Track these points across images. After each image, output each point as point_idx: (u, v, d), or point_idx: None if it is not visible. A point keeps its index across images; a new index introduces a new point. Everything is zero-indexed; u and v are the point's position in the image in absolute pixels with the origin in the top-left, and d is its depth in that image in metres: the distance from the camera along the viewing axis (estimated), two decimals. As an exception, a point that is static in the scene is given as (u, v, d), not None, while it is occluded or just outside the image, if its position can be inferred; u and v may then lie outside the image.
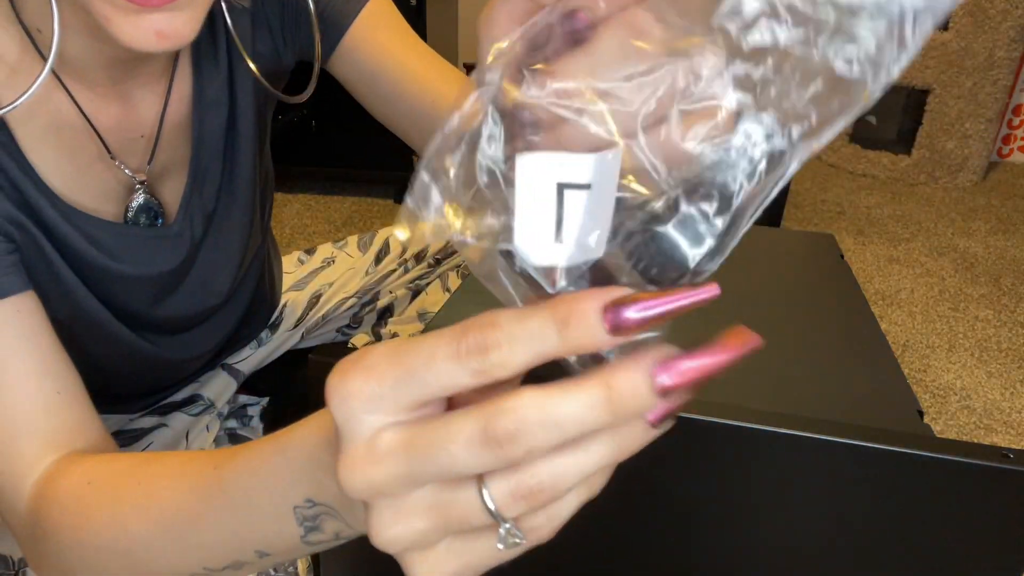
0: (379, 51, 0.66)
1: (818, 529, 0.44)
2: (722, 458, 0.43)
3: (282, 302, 0.87)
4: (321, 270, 0.91)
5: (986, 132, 2.36)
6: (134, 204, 0.56)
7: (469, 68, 2.06)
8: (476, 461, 0.23)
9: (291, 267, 0.92)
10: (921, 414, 0.52)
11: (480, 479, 0.24)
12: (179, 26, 0.42)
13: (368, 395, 0.24)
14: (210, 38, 0.58)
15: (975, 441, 1.32)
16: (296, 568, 0.61)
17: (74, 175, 0.53)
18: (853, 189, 2.39)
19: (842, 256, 0.77)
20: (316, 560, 0.62)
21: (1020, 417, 1.40)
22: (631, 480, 0.45)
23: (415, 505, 0.25)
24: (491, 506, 0.24)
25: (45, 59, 0.47)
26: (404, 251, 0.91)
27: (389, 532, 0.26)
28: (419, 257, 0.91)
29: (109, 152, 0.54)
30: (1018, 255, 1.99)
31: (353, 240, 0.94)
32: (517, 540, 0.26)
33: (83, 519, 0.41)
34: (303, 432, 0.34)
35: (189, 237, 0.60)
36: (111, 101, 0.54)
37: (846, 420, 0.49)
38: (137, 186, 0.56)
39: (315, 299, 0.88)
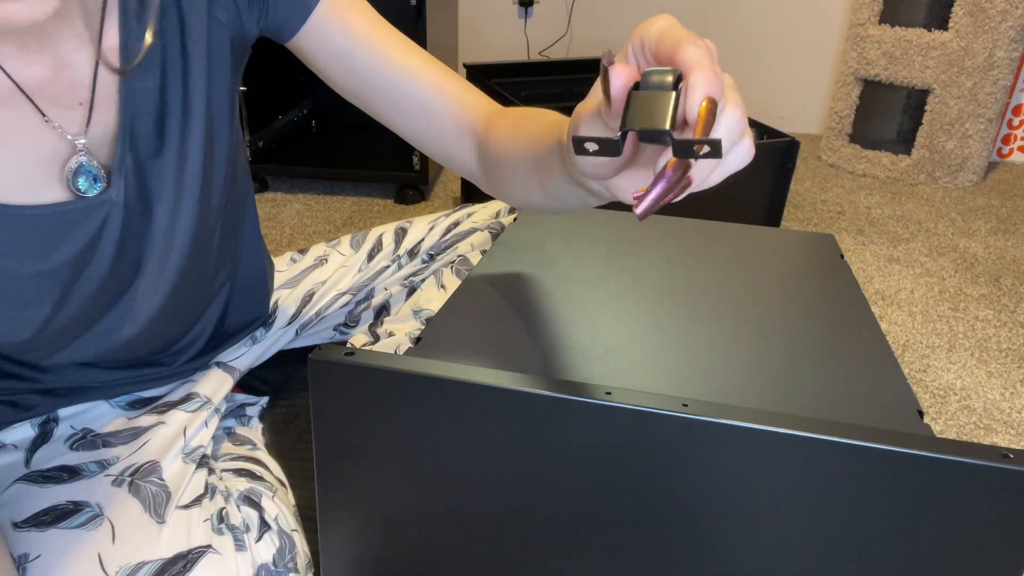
0: (352, 29, 0.65)
1: (818, 529, 0.44)
2: (722, 458, 0.43)
3: (274, 299, 0.87)
4: (313, 268, 0.90)
5: (986, 132, 2.36)
6: (70, 167, 0.53)
7: (469, 68, 2.06)
8: None
9: (283, 266, 0.92)
10: (921, 414, 0.52)
11: None
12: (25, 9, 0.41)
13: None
14: None
15: (975, 441, 1.32)
16: (296, 564, 0.61)
17: (9, 152, 0.50)
18: (853, 189, 2.39)
19: (842, 256, 0.77)
20: (316, 560, 0.62)
21: (1020, 417, 1.39)
22: (631, 480, 0.45)
23: None
24: None
25: None
26: (396, 248, 0.91)
27: None
28: (412, 253, 0.90)
29: (43, 115, 0.52)
30: (1018, 255, 1.99)
31: (346, 239, 0.94)
32: None
33: None
34: None
35: (123, 204, 0.56)
36: (41, 63, 0.52)
37: (846, 420, 0.49)
38: (80, 148, 0.54)
39: (308, 296, 0.88)
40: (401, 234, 0.92)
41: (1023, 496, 0.40)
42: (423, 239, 0.90)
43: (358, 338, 0.88)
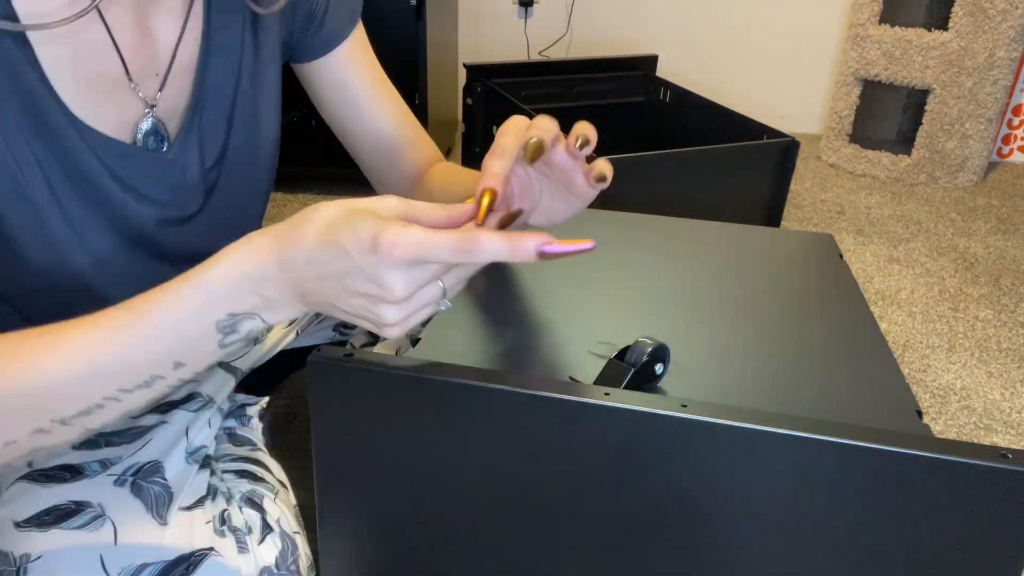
0: (357, 74, 0.76)
1: (817, 529, 0.44)
2: (721, 458, 0.43)
3: None
4: None
5: (986, 132, 2.36)
6: (144, 126, 0.60)
7: (469, 68, 2.06)
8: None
9: None
10: (920, 414, 0.52)
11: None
12: None
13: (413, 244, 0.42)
14: None
15: (975, 441, 1.32)
16: (299, 566, 0.61)
17: (93, 97, 0.56)
18: (853, 189, 2.39)
19: (842, 256, 0.77)
20: (316, 560, 0.62)
21: (1020, 417, 1.40)
22: (631, 480, 0.45)
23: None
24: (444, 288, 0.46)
25: None
26: None
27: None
28: None
29: (128, 75, 0.58)
30: (1018, 255, 1.99)
31: None
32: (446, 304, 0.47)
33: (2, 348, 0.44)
34: (226, 264, 0.45)
35: (184, 167, 0.64)
36: (133, 28, 0.58)
37: (845, 420, 0.49)
38: (147, 110, 0.60)
39: None
40: None
41: (1023, 496, 0.40)
42: None
43: (358, 338, 0.88)
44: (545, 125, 0.52)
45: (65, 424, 0.45)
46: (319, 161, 2.18)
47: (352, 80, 0.75)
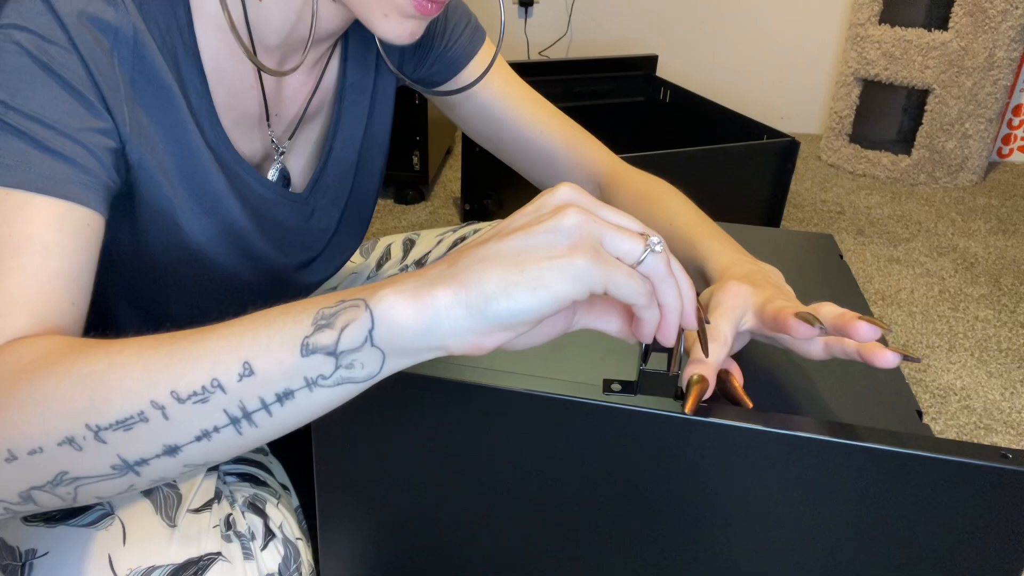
0: (495, 88, 0.76)
1: (817, 529, 0.44)
2: (720, 458, 0.43)
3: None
4: None
5: (986, 132, 2.36)
6: (274, 168, 0.65)
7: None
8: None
9: None
10: (920, 414, 0.52)
11: None
12: (422, 30, 0.55)
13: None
14: (364, 40, 0.69)
15: (975, 441, 1.32)
16: (301, 573, 0.61)
17: (239, 138, 0.61)
18: (853, 189, 2.39)
19: (842, 256, 0.77)
20: (317, 566, 0.62)
21: (1020, 417, 1.40)
22: (630, 480, 0.45)
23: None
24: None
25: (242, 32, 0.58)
26: (404, 258, 0.92)
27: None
28: (419, 263, 0.91)
29: (268, 118, 0.63)
30: (1018, 255, 1.99)
31: None
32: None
33: (67, 350, 0.38)
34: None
35: (311, 212, 0.69)
36: (275, 79, 0.63)
37: (845, 420, 0.49)
38: (277, 156, 0.65)
39: None
40: (409, 245, 0.94)
41: (1023, 496, 0.40)
42: (431, 251, 0.92)
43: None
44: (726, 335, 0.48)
45: (99, 438, 0.36)
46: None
47: (491, 96, 0.75)
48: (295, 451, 0.75)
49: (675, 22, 2.79)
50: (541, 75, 2.12)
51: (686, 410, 0.42)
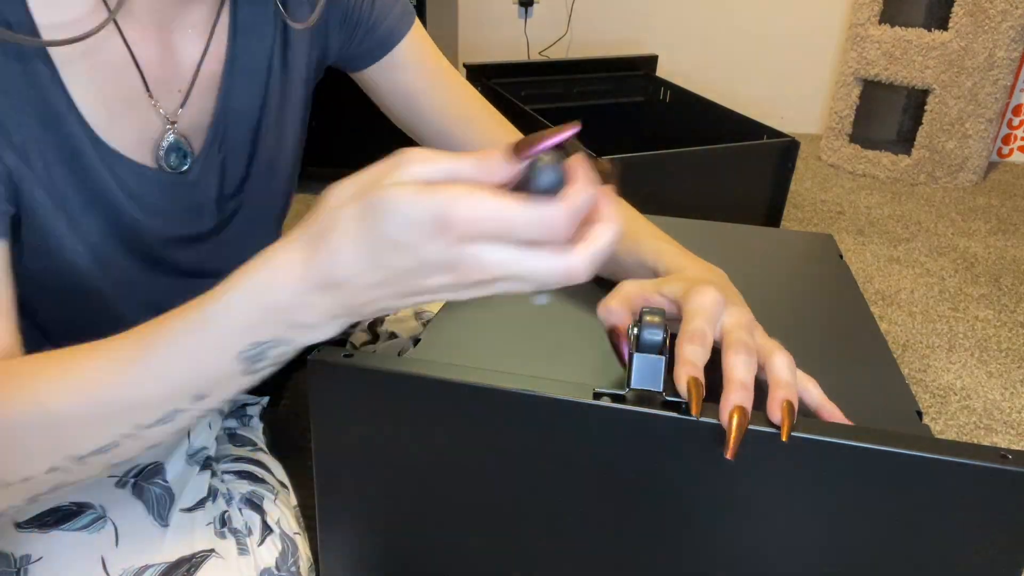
0: (421, 71, 0.72)
1: (817, 530, 0.44)
2: (721, 459, 0.43)
3: None
4: None
5: (986, 132, 2.36)
6: (165, 143, 0.59)
7: (469, 68, 2.06)
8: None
9: None
10: (920, 415, 0.52)
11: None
12: None
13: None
14: (261, 5, 0.62)
15: (975, 441, 1.32)
16: (299, 568, 0.61)
17: (111, 114, 0.55)
18: (853, 189, 2.39)
19: (842, 256, 0.77)
20: (316, 561, 0.62)
21: (1020, 417, 1.40)
22: (630, 479, 0.45)
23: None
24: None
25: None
26: None
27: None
28: None
29: (148, 90, 0.57)
30: (1018, 255, 1.99)
31: None
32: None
33: (14, 376, 0.42)
34: (244, 294, 0.38)
35: (203, 190, 0.63)
36: (153, 43, 0.57)
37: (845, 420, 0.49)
38: (168, 126, 0.59)
39: None
40: None
41: (1023, 496, 0.40)
42: None
43: (359, 337, 0.88)
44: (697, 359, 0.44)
45: (83, 462, 0.42)
46: (319, 161, 2.18)
47: (415, 80, 0.72)
48: (293, 455, 0.75)
49: (675, 22, 2.79)
50: (541, 75, 2.12)
51: (694, 414, 0.42)
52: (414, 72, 0.72)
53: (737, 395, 0.41)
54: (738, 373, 0.43)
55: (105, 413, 0.40)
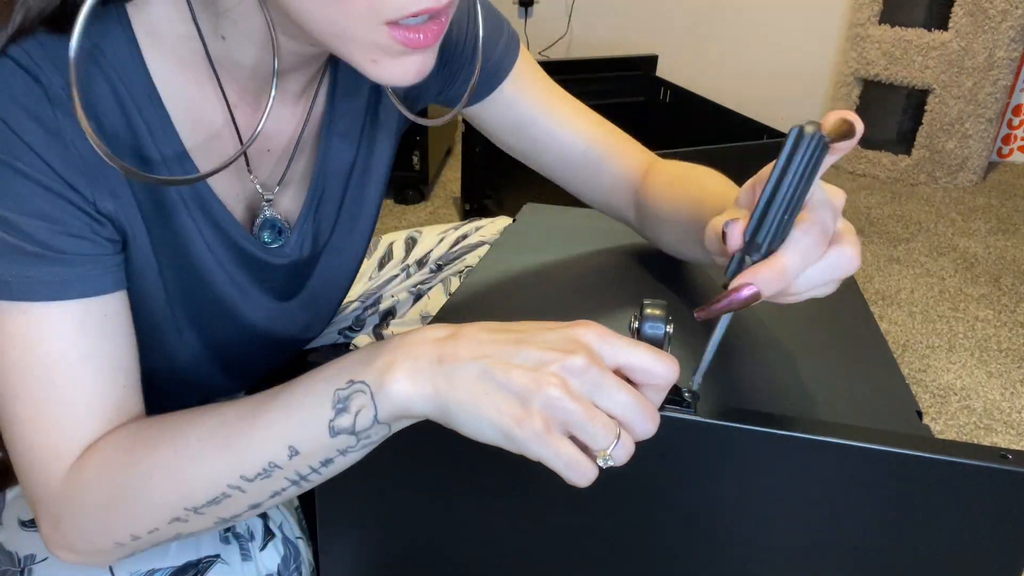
0: (530, 100, 0.69)
1: (817, 530, 0.44)
2: (721, 459, 0.43)
3: None
4: None
5: (986, 132, 2.36)
6: (260, 219, 0.57)
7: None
8: None
9: None
10: (920, 415, 0.52)
11: None
12: (430, 62, 0.45)
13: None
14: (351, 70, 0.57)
15: (975, 441, 1.32)
16: (301, 572, 0.61)
17: (210, 183, 0.53)
18: (853, 189, 2.39)
19: (842, 256, 0.77)
20: (317, 561, 0.62)
21: (1020, 417, 1.40)
22: (631, 481, 0.45)
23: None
24: None
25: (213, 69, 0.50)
26: (406, 257, 0.92)
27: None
28: (421, 263, 0.91)
29: (248, 163, 0.55)
30: (1018, 255, 1.99)
31: None
32: None
33: (140, 442, 0.46)
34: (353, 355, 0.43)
35: (298, 257, 0.61)
36: (252, 112, 0.54)
37: (845, 421, 0.49)
38: (264, 202, 0.57)
39: None
40: (411, 243, 0.93)
41: (1023, 496, 0.40)
42: (432, 250, 0.91)
43: (362, 340, 0.88)
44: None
45: (199, 513, 0.45)
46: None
47: (527, 110, 0.69)
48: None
49: (675, 22, 2.79)
50: (541, 75, 2.12)
51: (696, 314, 0.42)
52: (521, 103, 0.69)
53: (768, 275, 0.41)
54: (791, 260, 0.42)
55: (227, 455, 0.44)
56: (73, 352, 0.46)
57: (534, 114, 0.70)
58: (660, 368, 0.39)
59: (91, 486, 0.46)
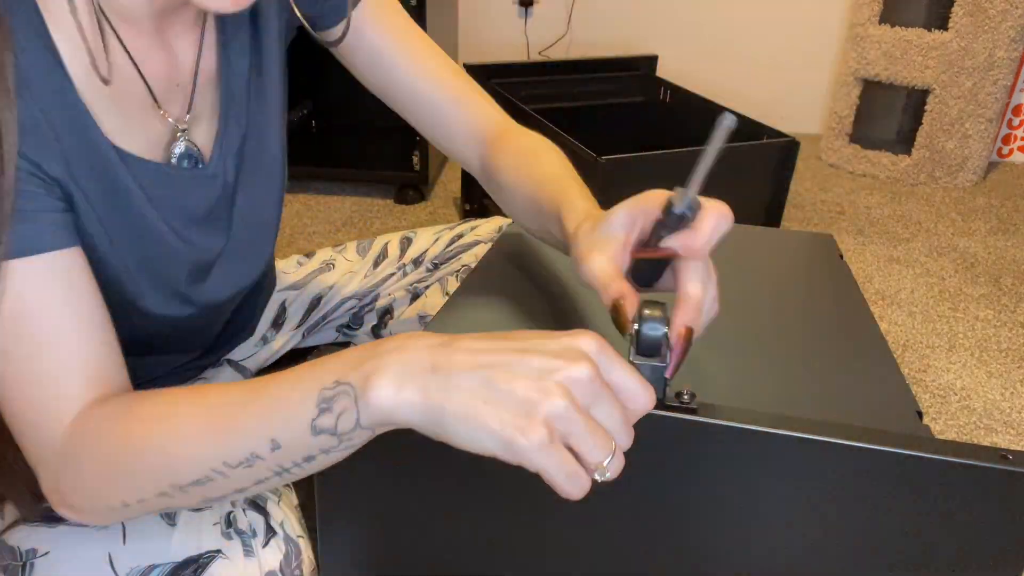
0: (388, 29, 0.71)
1: (817, 530, 0.44)
2: (722, 459, 0.43)
3: (281, 300, 0.88)
4: (320, 272, 0.91)
5: (986, 132, 2.36)
6: (176, 151, 0.59)
7: (469, 68, 2.06)
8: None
9: (290, 268, 0.92)
10: (920, 415, 0.52)
11: None
12: None
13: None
14: None
15: (975, 441, 1.32)
16: (302, 572, 0.61)
17: (124, 124, 0.56)
18: (853, 189, 2.39)
19: (842, 256, 0.77)
20: (317, 562, 0.62)
21: (1020, 417, 1.40)
22: (631, 481, 0.45)
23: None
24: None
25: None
26: (401, 256, 0.92)
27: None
28: (417, 262, 0.91)
29: (155, 100, 0.58)
30: (1018, 255, 1.99)
31: (351, 245, 0.95)
32: None
33: (134, 417, 0.47)
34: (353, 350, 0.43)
35: (223, 179, 0.63)
36: (155, 50, 0.57)
37: (845, 421, 0.49)
38: (179, 133, 0.60)
39: (316, 300, 0.89)
40: (406, 243, 0.93)
41: (1023, 496, 0.40)
42: (427, 249, 0.91)
43: (360, 339, 0.88)
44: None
45: (184, 492, 0.46)
46: (319, 161, 2.18)
47: (382, 44, 0.71)
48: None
49: (675, 22, 2.79)
50: (541, 75, 2.12)
51: (667, 374, 0.44)
52: (379, 30, 0.70)
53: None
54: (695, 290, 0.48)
55: (216, 440, 0.45)
56: (51, 304, 0.48)
57: (392, 52, 0.71)
58: (644, 398, 0.40)
59: (86, 454, 0.48)
